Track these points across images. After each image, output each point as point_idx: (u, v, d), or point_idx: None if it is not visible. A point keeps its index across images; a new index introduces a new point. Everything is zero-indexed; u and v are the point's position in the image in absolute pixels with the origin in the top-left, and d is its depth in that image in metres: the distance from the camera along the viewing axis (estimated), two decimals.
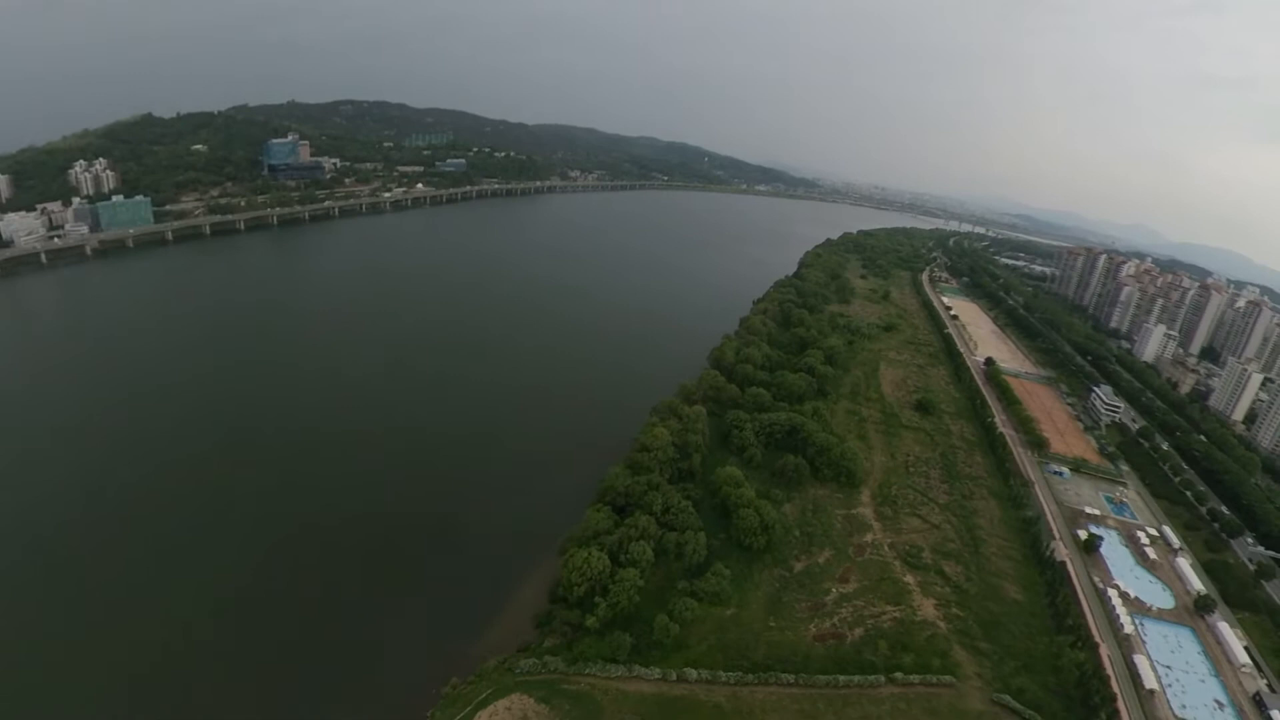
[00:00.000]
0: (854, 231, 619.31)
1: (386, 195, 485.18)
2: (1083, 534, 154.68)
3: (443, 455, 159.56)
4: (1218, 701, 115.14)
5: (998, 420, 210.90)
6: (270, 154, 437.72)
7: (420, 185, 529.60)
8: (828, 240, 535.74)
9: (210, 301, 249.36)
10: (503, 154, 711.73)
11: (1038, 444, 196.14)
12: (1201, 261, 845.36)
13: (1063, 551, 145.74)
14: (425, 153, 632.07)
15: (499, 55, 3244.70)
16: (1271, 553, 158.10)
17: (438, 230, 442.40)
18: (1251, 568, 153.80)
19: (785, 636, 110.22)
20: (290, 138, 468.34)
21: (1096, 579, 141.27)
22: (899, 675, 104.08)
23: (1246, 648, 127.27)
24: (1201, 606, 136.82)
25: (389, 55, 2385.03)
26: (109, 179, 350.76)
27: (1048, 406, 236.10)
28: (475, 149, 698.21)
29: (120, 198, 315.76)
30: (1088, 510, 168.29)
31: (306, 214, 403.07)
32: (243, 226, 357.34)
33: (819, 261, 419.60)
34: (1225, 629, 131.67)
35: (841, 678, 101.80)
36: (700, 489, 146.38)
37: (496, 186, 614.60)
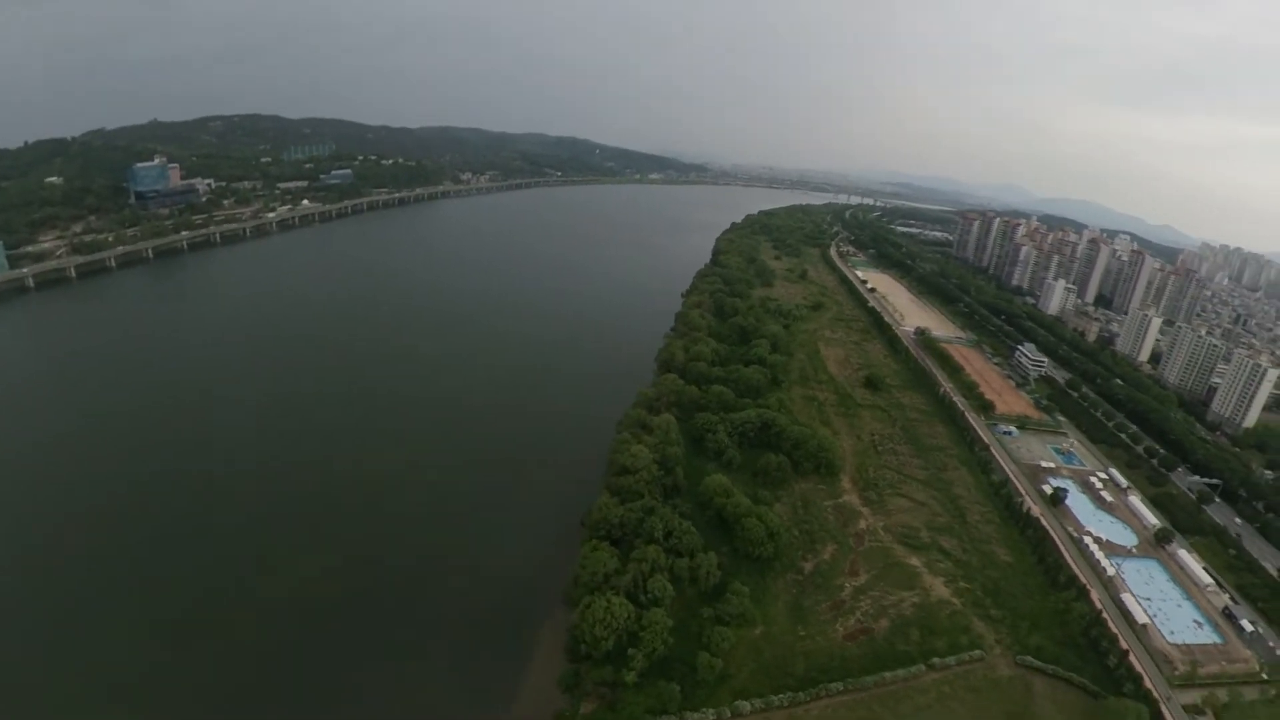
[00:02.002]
0: (756, 213, 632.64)
1: (271, 215, 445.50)
2: (1047, 488, 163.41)
3: (393, 498, 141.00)
4: (1196, 622, 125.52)
5: (945, 389, 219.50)
6: (136, 180, 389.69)
7: (306, 201, 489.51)
8: (733, 224, 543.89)
9: (92, 344, 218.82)
10: (390, 161, 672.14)
11: (984, 407, 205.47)
12: (1070, 215, 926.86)
13: (1035, 508, 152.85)
14: (307, 166, 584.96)
15: (372, 58, 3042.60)
16: (1206, 480, 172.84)
17: (333, 248, 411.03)
18: (1192, 496, 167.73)
19: (818, 644, 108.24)
20: (157, 160, 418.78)
21: (1069, 529, 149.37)
22: (936, 661, 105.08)
23: (1206, 569, 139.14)
24: (1161, 538, 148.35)
25: (255, 65, 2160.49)
26: None
27: (980, 369, 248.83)
28: (360, 158, 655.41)
29: None
30: (1043, 464, 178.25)
31: (185, 243, 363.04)
32: (114, 264, 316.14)
33: (733, 247, 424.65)
34: (1185, 555, 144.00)
35: (887, 675, 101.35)
36: (688, 502, 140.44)
37: (387, 196, 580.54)
